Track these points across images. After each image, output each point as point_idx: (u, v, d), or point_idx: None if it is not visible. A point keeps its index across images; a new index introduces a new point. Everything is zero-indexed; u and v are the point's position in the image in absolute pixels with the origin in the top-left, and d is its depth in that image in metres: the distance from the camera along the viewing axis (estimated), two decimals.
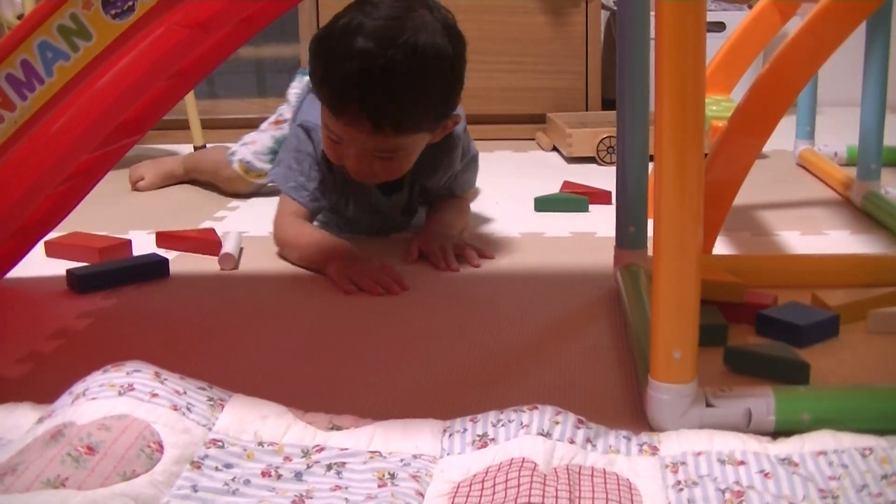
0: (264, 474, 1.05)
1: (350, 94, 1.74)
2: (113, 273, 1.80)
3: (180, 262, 1.93)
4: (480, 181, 2.31)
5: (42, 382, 1.38)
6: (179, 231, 2.04)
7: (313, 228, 1.97)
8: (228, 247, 1.91)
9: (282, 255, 1.93)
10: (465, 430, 1.12)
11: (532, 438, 1.07)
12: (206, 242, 1.97)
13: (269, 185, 2.34)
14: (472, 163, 2.17)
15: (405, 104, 1.75)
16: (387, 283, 1.73)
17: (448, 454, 1.09)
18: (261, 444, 1.10)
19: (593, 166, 2.83)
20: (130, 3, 1.25)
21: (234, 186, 2.45)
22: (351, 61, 1.73)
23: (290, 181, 1.97)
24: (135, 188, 2.59)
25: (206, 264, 1.90)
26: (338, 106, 1.77)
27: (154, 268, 1.84)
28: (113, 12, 1.26)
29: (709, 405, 1.15)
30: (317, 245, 1.87)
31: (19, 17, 3.10)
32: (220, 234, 2.02)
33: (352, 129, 1.78)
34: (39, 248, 1.84)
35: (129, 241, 1.98)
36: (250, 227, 2.14)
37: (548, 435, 1.08)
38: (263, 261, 1.90)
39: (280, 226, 1.96)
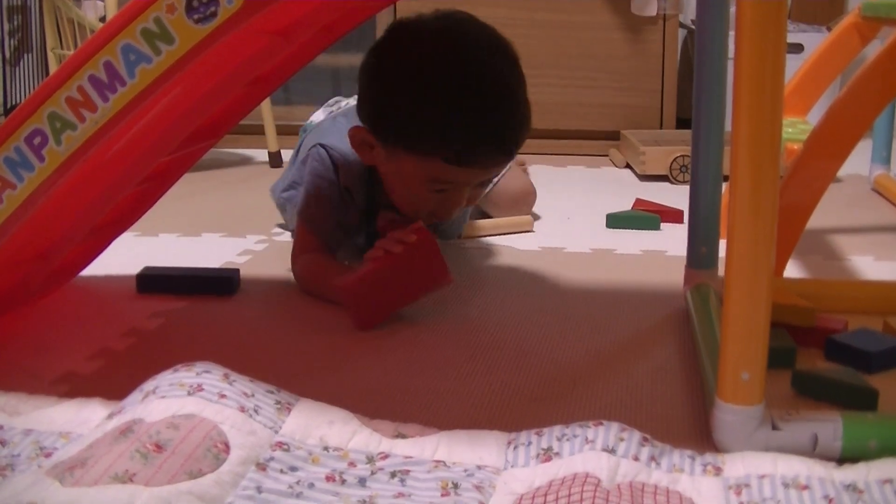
0: (328, 479, 1.06)
1: (480, 130, 1.66)
2: (178, 280, 1.81)
3: (251, 269, 1.95)
4: (552, 197, 2.31)
5: (113, 379, 1.40)
6: None
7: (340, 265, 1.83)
8: None
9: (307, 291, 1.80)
10: (530, 443, 1.12)
11: (596, 454, 1.07)
12: None
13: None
14: None
15: (526, 120, 1.71)
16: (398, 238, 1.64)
17: (512, 466, 1.09)
18: (326, 448, 1.11)
19: (666, 185, 2.82)
20: (213, 9, 1.27)
21: None
22: (466, 98, 1.64)
23: (310, 212, 1.85)
24: None
25: (277, 272, 1.91)
26: (471, 154, 1.67)
27: (221, 283, 1.81)
28: (196, 17, 1.27)
29: (775, 428, 1.15)
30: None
31: (101, 19, 3.15)
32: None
33: (480, 169, 1.71)
34: (114, 247, 1.86)
35: None
36: None
37: (612, 451, 1.08)
38: None
39: (303, 263, 1.83)
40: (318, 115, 2.27)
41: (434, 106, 1.65)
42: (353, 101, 2.24)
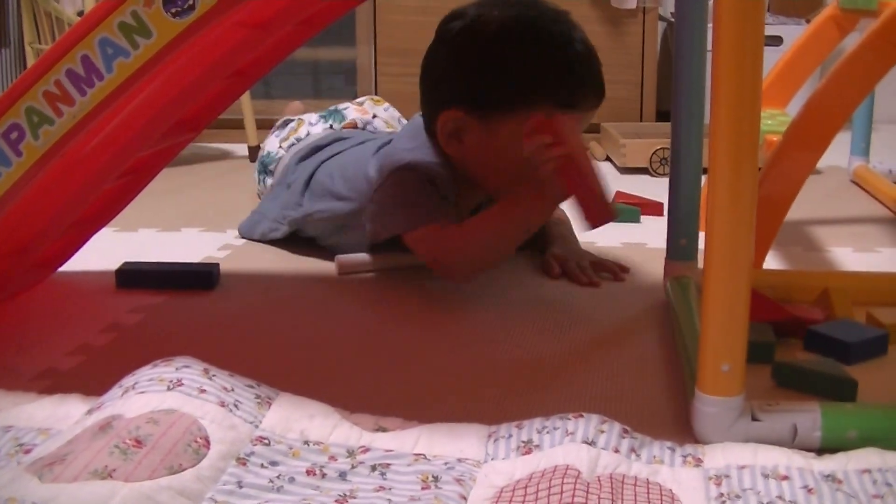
0: (309, 473, 1.06)
1: (583, 71, 1.76)
2: (158, 275, 1.80)
3: (231, 264, 1.94)
4: None
5: (92, 375, 1.39)
6: None
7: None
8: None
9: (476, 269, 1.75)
10: (511, 435, 1.12)
11: (577, 446, 1.07)
12: None
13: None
14: None
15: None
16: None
17: (492, 459, 1.09)
18: (306, 442, 1.11)
19: (646, 177, 2.83)
20: (191, 2, 1.26)
21: None
22: (566, 45, 1.75)
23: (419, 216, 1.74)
24: None
25: (256, 266, 1.91)
26: (580, 91, 1.74)
27: (201, 278, 1.80)
28: (174, 10, 1.27)
29: (755, 419, 1.15)
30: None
31: (79, 13, 3.14)
32: None
33: (581, 112, 1.75)
34: (93, 242, 1.85)
35: None
36: None
37: (592, 443, 1.08)
38: (307, 264, 1.90)
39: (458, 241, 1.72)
40: (272, 142, 2.26)
41: (538, 54, 1.72)
42: (311, 118, 2.30)
